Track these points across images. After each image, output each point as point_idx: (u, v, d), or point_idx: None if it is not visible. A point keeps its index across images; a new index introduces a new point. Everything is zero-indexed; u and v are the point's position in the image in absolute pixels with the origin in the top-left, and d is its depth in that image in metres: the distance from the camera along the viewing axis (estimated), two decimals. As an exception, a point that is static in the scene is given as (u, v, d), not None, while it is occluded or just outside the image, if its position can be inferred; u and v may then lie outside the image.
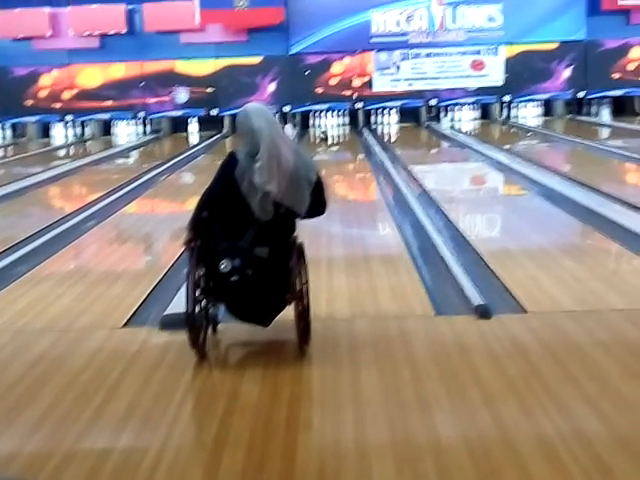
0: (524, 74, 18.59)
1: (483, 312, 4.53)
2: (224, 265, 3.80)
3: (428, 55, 18.68)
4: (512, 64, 18.62)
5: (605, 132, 17.05)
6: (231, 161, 3.95)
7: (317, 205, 4.03)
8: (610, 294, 4.93)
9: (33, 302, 5.27)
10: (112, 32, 18.40)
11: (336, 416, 3.38)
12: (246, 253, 3.82)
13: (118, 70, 18.78)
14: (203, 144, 17.14)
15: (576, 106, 19.44)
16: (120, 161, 15.45)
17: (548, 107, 19.30)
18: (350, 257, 6.30)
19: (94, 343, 4.38)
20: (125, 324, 4.71)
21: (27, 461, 3.08)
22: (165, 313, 4.68)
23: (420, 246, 6.60)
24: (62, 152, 17.71)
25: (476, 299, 4.74)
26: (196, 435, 3.29)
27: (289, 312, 4.03)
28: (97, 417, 3.41)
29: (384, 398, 3.52)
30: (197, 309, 3.94)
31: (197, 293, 3.93)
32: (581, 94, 18.92)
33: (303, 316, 4.02)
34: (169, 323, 4.49)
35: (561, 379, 3.62)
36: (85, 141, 18.99)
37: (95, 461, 3.04)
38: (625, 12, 18.29)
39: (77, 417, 3.41)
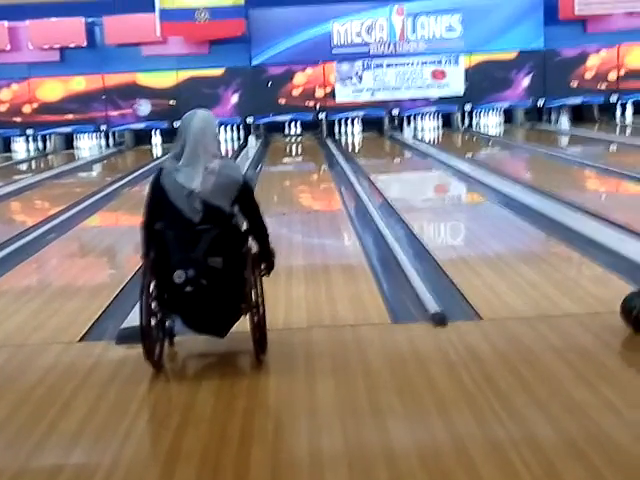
0: (484, 83, 18.79)
1: (439, 320, 4.57)
2: (178, 276, 3.80)
3: (390, 65, 18.80)
4: (472, 73, 18.81)
5: (564, 140, 17.27)
6: (158, 171, 4.03)
7: (250, 207, 4.05)
8: (564, 300, 4.99)
9: (-13, 318, 5.22)
10: (72, 45, 18.28)
11: (290, 427, 3.39)
12: (200, 263, 3.83)
13: (79, 83, 18.65)
14: (167, 156, 17.01)
15: (536, 114, 19.68)
16: (82, 174, 15.34)
17: (508, 115, 19.52)
18: (309, 267, 6.32)
19: (49, 358, 4.34)
20: (81, 338, 4.68)
21: (-24, 480, 3.05)
22: (122, 326, 4.65)
23: (380, 255, 6.64)
24: (23, 166, 17.53)
25: (432, 307, 4.78)
26: (149, 449, 3.27)
27: (245, 322, 4.03)
28: (49, 434, 3.38)
29: (339, 408, 3.53)
30: (152, 322, 3.93)
31: (152, 305, 3.92)
32: (540, 102, 19.17)
33: (259, 326, 4.03)
34: (126, 336, 4.46)
35: (513, 385, 3.66)
36: (47, 155, 18.82)
37: (47, 477, 3.01)
38: (582, 21, 18.56)
39: (29, 434, 3.37)
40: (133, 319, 4.59)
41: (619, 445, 3.05)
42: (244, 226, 4.07)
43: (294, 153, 17.50)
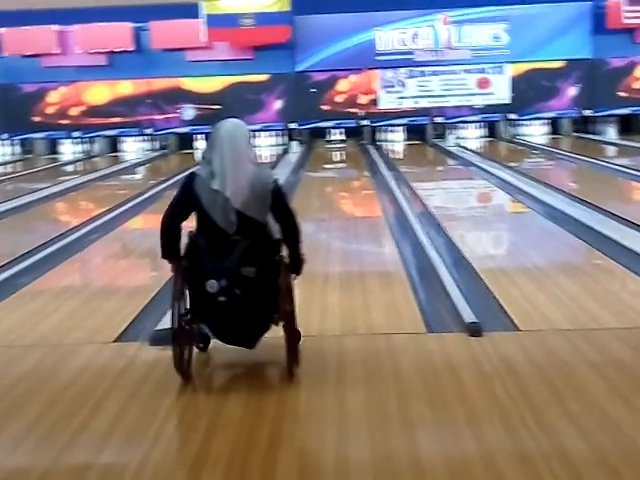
0: (530, 92, 18.62)
1: (474, 330, 4.51)
2: (211, 285, 3.74)
3: (434, 73, 18.72)
4: (518, 82, 18.65)
5: (611, 150, 17.01)
6: (190, 176, 3.91)
7: (284, 216, 3.94)
8: (603, 313, 4.90)
9: (27, 317, 5.29)
10: (119, 50, 18.53)
11: (319, 434, 3.37)
12: (233, 273, 3.75)
13: (125, 87, 18.90)
14: (198, 164, 17.13)
15: (582, 124, 19.44)
16: (126, 177, 15.51)
17: (554, 125, 19.31)
18: (346, 274, 6.29)
19: (82, 359, 4.39)
20: (116, 339, 4.72)
21: (6, 477, 3.07)
22: (156, 328, 4.68)
23: (418, 264, 6.59)
24: (69, 168, 17.77)
25: (468, 316, 4.73)
26: (177, 452, 3.26)
27: (275, 331, 4.00)
28: (79, 433, 3.41)
29: (368, 416, 3.50)
30: (183, 329, 3.90)
31: (184, 314, 3.90)
32: (587, 112, 18.92)
33: (293, 337, 3.96)
34: (159, 338, 4.48)
35: (547, 398, 3.60)
36: (92, 157, 19.08)
37: (75, 475, 3.03)
38: (630, 31, 18.31)
39: (59, 433, 3.41)
40: (167, 321, 4.63)
41: (654, 462, 2.98)
42: (277, 234, 3.96)
43: (336, 159, 17.49)
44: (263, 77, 18.70)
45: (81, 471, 3.09)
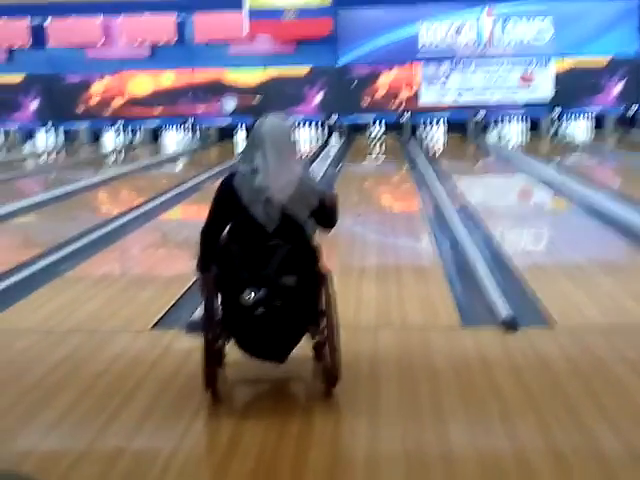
0: (575, 88, 18.38)
1: (509, 324, 4.48)
2: (248, 296, 3.43)
3: (477, 67, 18.57)
4: (563, 78, 18.43)
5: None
6: (230, 174, 3.66)
7: (329, 215, 3.70)
8: (641, 311, 4.84)
9: (65, 304, 5.36)
10: (162, 41, 18.66)
11: (351, 427, 3.37)
12: (272, 282, 3.45)
13: (168, 78, 19.05)
14: (238, 162, 17.23)
15: (628, 122, 19.15)
16: (167, 167, 15.63)
17: (599, 122, 19.05)
18: (382, 267, 6.27)
19: (118, 346, 4.43)
20: (152, 328, 4.76)
21: (40, 460, 3.12)
22: (192, 316, 4.71)
23: (455, 258, 6.55)
24: (111, 158, 17.99)
25: (504, 311, 4.69)
26: (208, 441, 3.28)
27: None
28: (112, 420, 3.45)
29: (401, 410, 3.49)
30: (216, 346, 3.61)
31: (217, 329, 3.59)
32: (633, 110, 18.63)
33: (335, 352, 3.56)
34: (196, 326, 4.50)
35: (582, 395, 3.56)
36: (134, 148, 19.26)
37: (107, 463, 3.07)
38: (679, 27, 18.01)
39: (93, 420, 3.45)
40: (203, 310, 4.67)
41: (688, 462, 2.94)
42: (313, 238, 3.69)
43: (376, 153, 17.44)
44: (304, 70, 18.70)
45: (114, 457, 3.12)
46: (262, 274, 3.46)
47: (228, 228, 3.62)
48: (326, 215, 3.68)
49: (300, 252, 3.56)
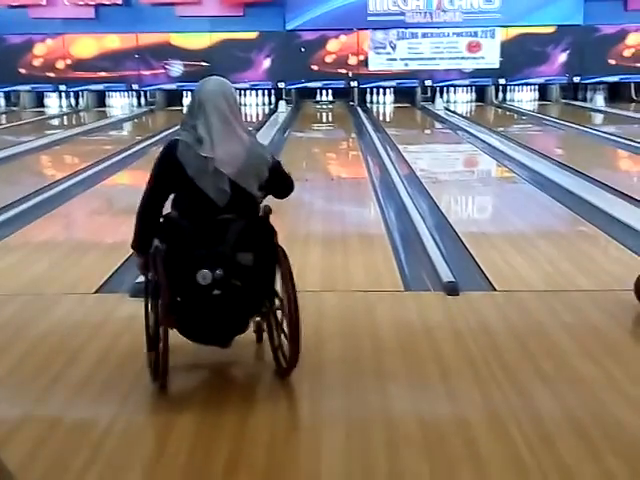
0: (520, 57, 18.54)
1: (451, 289, 4.56)
2: (203, 276, 3.14)
3: (425, 35, 18.60)
4: (508, 47, 18.57)
5: (599, 118, 17.03)
6: (171, 144, 3.32)
7: (283, 183, 3.52)
8: (579, 276, 4.96)
9: (7, 268, 5.30)
10: (107, 3, 18.27)
11: (293, 386, 3.41)
12: (229, 260, 3.19)
13: (113, 41, 18.68)
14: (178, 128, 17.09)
15: (571, 91, 19.42)
16: (112, 132, 15.41)
17: (543, 91, 19.29)
18: (328, 233, 6.32)
19: (62, 309, 4.41)
20: (96, 291, 4.74)
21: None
22: (136, 280, 4.69)
23: (400, 225, 6.63)
24: (55, 121, 17.66)
25: (446, 276, 4.77)
26: (151, 403, 3.27)
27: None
28: (54, 383, 3.43)
29: (343, 369, 3.54)
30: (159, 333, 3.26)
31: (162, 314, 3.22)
32: (576, 79, 18.90)
33: (295, 334, 3.27)
34: (140, 290, 4.47)
35: (520, 357, 3.65)
36: (79, 111, 18.92)
37: (47, 427, 3.05)
38: (623, -2, 18.25)
39: (35, 382, 3.44)
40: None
41: (620, 421, 3.04)
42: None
43: (324, 120, 17.42)
44: (252, 35, 18.53)
45: (54, 421, 3.11)
46: (218, 252, 3.18)
47: (173, 201, 3.34)
48: (279, 185, 3.47)
49: (255, 227, 3.31)
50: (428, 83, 18.91)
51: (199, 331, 3.34)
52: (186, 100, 18.86)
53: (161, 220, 3.34)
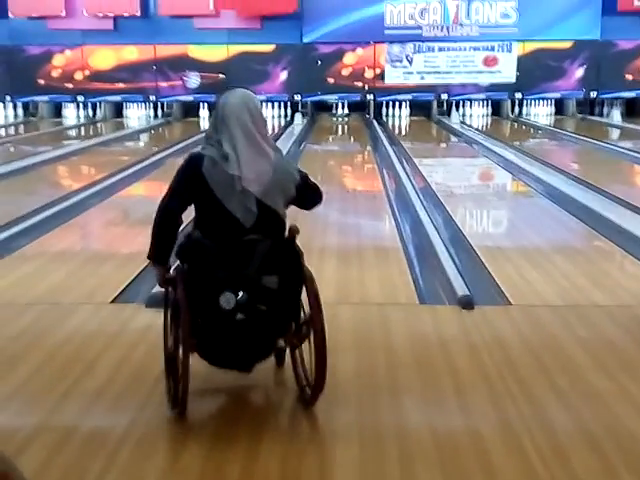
0: (537, 72, 18.50)
1: (466, 303, 4.56)
2: (226, 300, 3.03)
3: (441, 49, 18.63)
4: (525, 61, 18.54)
5: (616, 133, 16.98)
6: (196, 156, 3.19)
7: (311, 197, 3.41)
8: (595, 291, 4.94)
9: (23, 277, 5.33)
10: (126, 14, 18.41)
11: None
12: (254, 284, 3.07)
13: (131, 53, 18.78)
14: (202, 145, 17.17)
15: (588, 106, 19.39)
16: (129, 143, 15.50)
17: (560, 106, 19.25)
18: (343, 246, 6.33)
19: (78, 318, 4.44)
20: (113, 301, 4.76)
21: (-4, 431, 3.13)
22: (153, 290, 4.71)
23: (415, 238, 6.63)
24: (72, 132, 17.79)
25: (461, 290, 4.77)
26: (166, 415, 3.28)
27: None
28: (70, 393, 3.45)
29: (357, 383, 3.55)
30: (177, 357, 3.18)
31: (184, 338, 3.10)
32: (593, 94, 18.86)
33: (324, 356, 3.17)
34: (156, 300, 4.50)
35: (534, 371, 3.64)
36: (96, 122, 19.04)
37: (62, 437, 3.06)
38: (640, 13, 18.21)
39: (51, 391, 3.45)
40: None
41: (634, 436, 3.03)
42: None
43: (340, 133, 17.46)
44: (269, 47, 18.59)
45: (71, 429, 3.13)
46: (242, 274, 3.06)
47: (196, 221, 3.22)
48: (307, 199, 3.37)
49: (281, 248, 3.17)
50: (444, 97, 18.91)
51: (220, 356, 3.22)
52: (203, 112, 18.99)
53: (183, 240, 3.20)
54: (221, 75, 18.57)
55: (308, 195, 3.36)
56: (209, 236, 3.13)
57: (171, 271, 3.27)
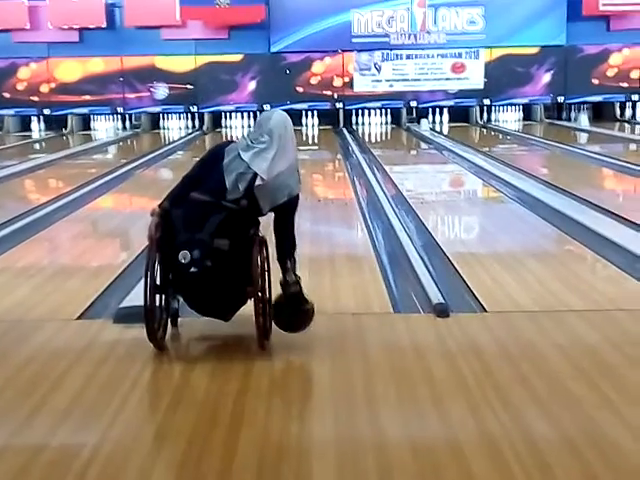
0: (504, 78, 18.61)
1: (441, 310, 4.49)
2: (183, 256, 3.75)
3: (409, 57, 18.66)
4: (492, 68, 18.64)
5: (583, 137, 17.08)
6: (227, 142, 4.09)
7: (287, 222, 4.05)
8: (570, 296, 4.90)
9: (-12, 293, 5.19)
10: (91, 26, 18.24)
11: (282, 411, 3.33)
12: (206, 244, 3.77)
13: (97, 65, 18.61)
14: (181, 140, 17.09)
15: (555, 111, 19.52)
16: (97, 155, 15.31)
17: (527, 111, 19.36)
18: (315, 255, 6.23)
19: (44, 335, 4.31)
20: (79, 317, 4.64)
21: (-41, 453, 3.00)
22: (120, 306, 4.60)
23: (388, 246, 6.57)
24: (39, 145, 17.56)
25: (435, 298, 4.70)
26: (136, 430, 3.19)
27: (250, 306, 3.95)
28: (36, 411, 3.33)
29: (333, 394, 3.47)
30: (156, 301, 3.89)
31: (156, 284, 3.88)
32: (560, 99, 18.99)
33: (264, 311, 3.93)
34: (123, 316, 4.42)
35: (512, 379, 3.58)
36: (63, 135, 18.82)
37: (29, 456, 2.95)
38: (605, 18, 18.35)
39: (15, 411, 3.33)
40: (132, 299, 4.59)
41: (615, 443, 2.98)
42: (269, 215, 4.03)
43: (310, 142, 17.40)
44: (237, 57, 18.52)
45: (37, 449, 3.01)
46: (197, 237, 3.77)
47: (193, 174, 4.01)
48: (285, 217, 4.02)
49: (235, 218, 3.84)
50: (413, 104, 18.94)
51: (195, 305, 4.03)
52: (171, 122, 18.87)
53: (160, 212, 3.90)
54: (189, 86, 18.48)
55: (289, 215, 4.03)
56: (181, 207, 3.88)
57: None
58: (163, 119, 19.08)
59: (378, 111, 19.10)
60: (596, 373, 3.64)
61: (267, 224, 4.21)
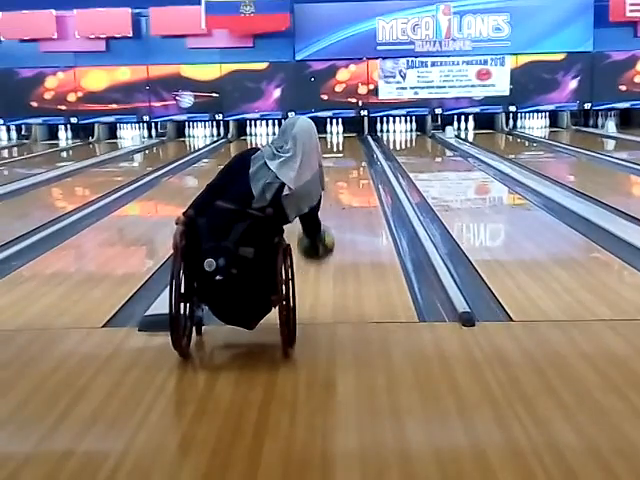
0: (530, 85, 18.51)
1: (466, 319, 4.45)
2: (208, 264, 3.75)
3: (434, 64, 18.62)
4: (518, 74, 18.54)
5: (611, 144, 16.92)
6: (253, 148, 4.10)
7: (311, 214, 4.12)
8: (598, 305, 4.84)
9: (14, 301, 5.23)
10: (118, 35, 18.39)
11: (306, 421, 3.31)
12: (231, 252, 3.78)
13: (124, 73, 18.75)
14: (206, 148, 17.16)
15: (582, 118, 19.37)
16: (123, 163, 15.41)
17: (554, 118, 19.23)
18: (339, 263, 6.20)
19: (69, 343, 4.33)
20: (105, 325, 4.65)
21: (-16, 462, 3.02)
22: (145, 314, 4.62)
23: (413, 254, 6.53)
24: (66, 154, 17.71)
25: (461, 306, 4.67)
26: (161, 439, 3.19)
27: (275, 314, 3.96)
28: (62, 419, 3.34)
29: (358, 405, 3.45)
30: (181, 309, 3.90)
31: (181, 292, 3.89)
32: (587, 106, 18.84)
33: (288, 319, 3.96)
34: (148, 324, 4.43)
35: (539, 389, 3.54)
36: (90, 143, 18.97)
37: (54, 464, 2.96)
38: (632, 24, 18.20)
39: (42, 419, 3.35)
40: (157, 307, 4.60)
41: (645, 456, 2.93)
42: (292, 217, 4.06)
43: (334, 149, 17.39)
44: (262, 65, 18.57)
45: (63, 457, 3.03)
46: (222, 245, 3.78)
47: (218, 182, 4.02)
48: (310, 224, 4.18)
49: (260, 226, 3.85)
50: (438, 111, 18.88)
51: (219, 313, 4.03)
52: (196, 131, 18.95)
53: (185, 220, 3.92)
54: (214, 94, 18.56)
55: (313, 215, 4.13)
56: (205, 215, 3.88)
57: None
58: (188, 127, 19.20)
59: (403, 118, 19.08)
60: (624, 384, 3.59)
61: (291, 232, 4.21)
